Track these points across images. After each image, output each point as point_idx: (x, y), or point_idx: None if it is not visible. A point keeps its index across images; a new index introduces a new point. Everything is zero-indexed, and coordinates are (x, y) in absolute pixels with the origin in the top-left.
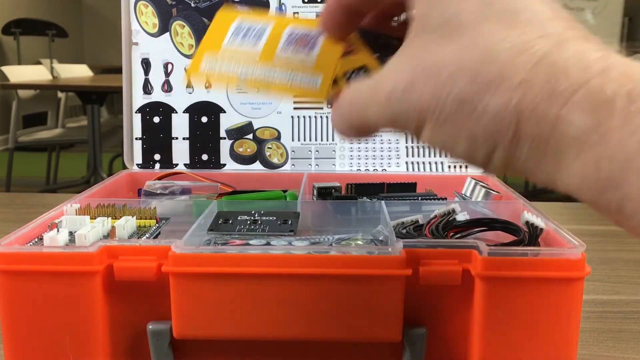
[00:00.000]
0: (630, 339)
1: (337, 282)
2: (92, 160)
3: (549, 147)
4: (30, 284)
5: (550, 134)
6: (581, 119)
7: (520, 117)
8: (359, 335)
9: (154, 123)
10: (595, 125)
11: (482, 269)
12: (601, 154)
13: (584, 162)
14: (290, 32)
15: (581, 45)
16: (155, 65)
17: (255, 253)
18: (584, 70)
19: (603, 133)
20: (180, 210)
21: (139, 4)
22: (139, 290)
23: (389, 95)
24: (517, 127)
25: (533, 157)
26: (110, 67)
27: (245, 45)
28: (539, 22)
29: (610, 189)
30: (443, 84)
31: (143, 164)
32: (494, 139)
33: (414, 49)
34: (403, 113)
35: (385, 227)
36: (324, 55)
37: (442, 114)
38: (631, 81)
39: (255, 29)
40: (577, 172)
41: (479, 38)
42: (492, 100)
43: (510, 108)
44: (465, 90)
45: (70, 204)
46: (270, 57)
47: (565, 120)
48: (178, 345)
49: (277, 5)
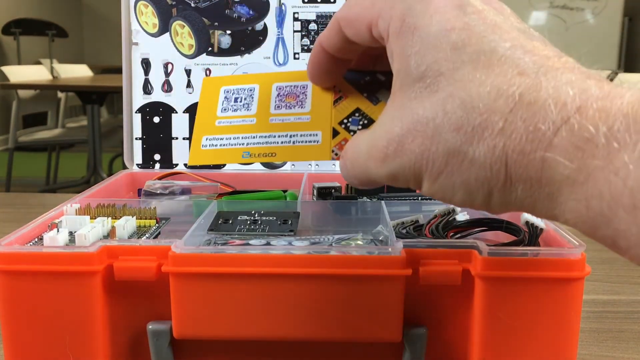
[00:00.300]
0: (630, 339)
1: (337, 282)
2: (92, 160)
3: (541, 188)
4: (30, 284)
5: (540, 175)
6: (565, 161)
7: (507, 162)
8: (359, 335)
9: (154, 123)
10: (580, 166)
11: (482, 269)
12: (590, 193)
13: (576, 200)
14: (278, 89)
15: (558, 78)
16: (155, 65)
17: (255, 253)
18: (562, 108)
19: (588, 173)
20: (180, 210)
21: (139, 4)
22: (139, 290)
23: (383, 155)
24: (506, 172)
25: (529, 198)
26: (110, 67)
27: (239, 110)
28: (514, 58)
29: (603, 226)
30: (431, 138)
31: (143, 164)
32: (487, 185)
33: (399, 104)
34: (400, 170)
35: (385, 227)
36: (317, 108)
37: (435, 168)
38: (609, 117)
39: (245, 92)
40: (572, 209)
41: (457, 86)
42: (479, 148)
43: (497, 154)
44: (452, 141)
45: (70, 204)
46: (266, 119)
47: (551, 162)
48: (178, 345)
49: (277, 5)
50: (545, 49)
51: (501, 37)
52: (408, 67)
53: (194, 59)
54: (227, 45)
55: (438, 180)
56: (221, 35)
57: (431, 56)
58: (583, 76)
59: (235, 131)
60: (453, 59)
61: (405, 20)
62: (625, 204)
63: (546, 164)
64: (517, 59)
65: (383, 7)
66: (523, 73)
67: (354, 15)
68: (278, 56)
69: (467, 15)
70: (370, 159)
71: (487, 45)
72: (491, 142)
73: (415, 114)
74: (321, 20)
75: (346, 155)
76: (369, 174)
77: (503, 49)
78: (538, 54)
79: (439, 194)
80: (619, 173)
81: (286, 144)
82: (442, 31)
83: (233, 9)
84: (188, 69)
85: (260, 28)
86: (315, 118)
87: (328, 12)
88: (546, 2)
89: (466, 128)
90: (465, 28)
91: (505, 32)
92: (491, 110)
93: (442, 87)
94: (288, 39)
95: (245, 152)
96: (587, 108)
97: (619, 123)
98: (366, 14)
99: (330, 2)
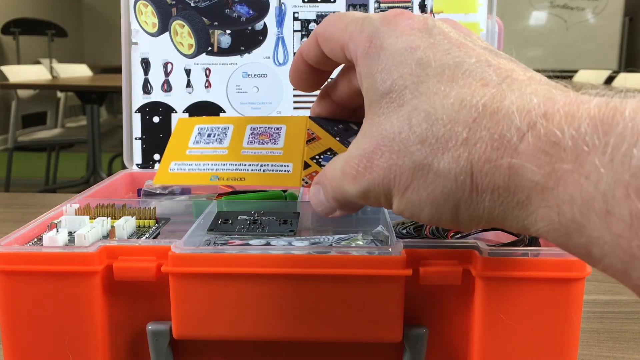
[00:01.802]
0: (630, 340)
1: (337, 283)
2: (91, 160)
3: (510, 196)
4: (30, 284)
5: (507, 183)
6: (533, 166)
7: (473, 172)
8: (359, 335)
9: (154, 123)
10: (549, 171)
11: (482, 269)
12: (561, 198)
13: (547, 206)
14: (251, 129)
15: (523, 88)
16: (155, 65)
17: (255, 253)
18: (527, 115)
19: (558, 178)
20: (180, 210)
21: (138, 4)
22: (139, 290)
23: (355, 172)
24: (472, 182)
25: (497, 208)
26: (109, 67)
27: (211, 143)
28: (478, 72)
29: (576, 233)
30: (397, 153)
31: (143, 163)
32: (453, 197)
33: (369, 122)
34: (371, 187)
35: (386, 227)
36: (289, 145)
37: (402, 183)
38: (575, 120)
39: (219, 129)
40: (544, 217)
41: (422, 99)
42: (443, 159)
43: (462, 164)
44: (417, 154)
45: (69, 204)
46: (238, 151)
47: (518, 168)
48: (178, 345)
49: (277, 5)
50: (511, 64)
51: (466, 53)
52: (375, 84)
53: (194, 58)
54: (227, 45)
55: (405, 196)
56: (221, 34)
57: (396, 72)
58: (549, 86)
59: (205, 159)
60: (417, 73)
61: (372, 41)
62: (597, 209)
63: (513, 171)
64: (482, 72)
65: (353, 31)
66: (487, 84)
67: (329, 34)
68: (278, 56)
69: (432, 37)
70: (344, 178)
71: (451, 60)
72: (455, 152)
73: (383, 129)
74: (321, 20)
75: (325, 177)
76: (345, 193)
77: (468, 63)
78: (503, 67)
79: (408, 210)
80: (589, 177)
81: (256, 172)
82: (408, 49)
83: (233, 8)
84: (188, 68)
85: (260, 28)
86: (288, 152)
87: (328, 11)
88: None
89: (430, 140)
90: (431, 47)
91: (471, 49)
92: (455, 121)
93: (407, 101)
94: (288, 38)
95: (214, 176)
96: (553, 114)
97: (586, 125)
98: (340, 36)
99: (330, 2)
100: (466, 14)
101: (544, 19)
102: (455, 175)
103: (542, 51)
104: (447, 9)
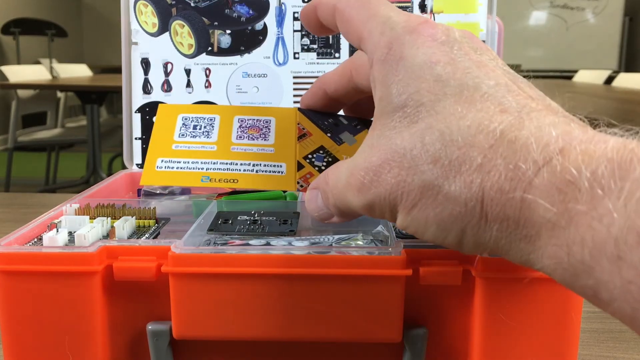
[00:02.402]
0: (630, 340)
1: (337, 283)
2: (91, 160)
3: (518, 229)
4: (30, 284)
5: (518, 216)
6: (547, 203)
7: (484, 199)
8: (359, 336)
9: (154, 123)
10: (562, 210)
11: (482, 269)
12: (572, 238)
13: (557, 245)
14: (240, 121)
15: (541, 119)
16: (155, 65)
17: (255, 253)
18: (544, 148)
19: (570, 218)
20: (180, 210)
21: (138, 4)
22: (139, 290)
23: (360, 184)
24: (482, 210)
25: (504, 239)
26: (109, 67)
27: (198, 137)
28: (497, 96)
29: (584, 274)
30: (407, 169)
31: (143, 163)
32: (461, 222)
33: (379, 133)
34: (376, 201)
35: (386, 227)
36: (280, 141)
37: (409, 201)
38: (593, 161)
39: (204, 120)
40: (551, 255)
41: (438, 117)
42: (455, 183)
43: (474, 190)
44: (428, 174)
45: (69, 204)
46: (227, 147)
47: (530, 203)
48: (178, 345)
49: (277, 5)
50: (530, 91)
51: (486, 74)
52: (389, 95)
53: (194, 58)
54: (227, 45)
55: (411, 213)
56: (221, 34)
57: (414, 86)
58: (567, 119)
59: (193, 156)
60: (435, 91)
61: (392, 48)
62: (609, 253)
63: (525, 205)
64: (501, 97)
65: (373, 30)
66: (505, 111)
67: (347, 16)
68: (278, 56)
69: (453, 52)
70: (348, 188)
71: (471, 80)
72: (468, 177)
73: (393, 144)
74: None
75: (326, 184)
76: (348, 203)
77: (487, 86)
78: (522, 94)
79: (412, 227)
80: (602, 220)
81: (249, 172)
82: (428, 63)
83: (233, 8)
84: (188, 68)
85: (260, 27)
86: (279, 151)
87: None
88: (546, 1)
89: (443, 161)
90: (451, 62)
91: (491, 70)
92: (470, 145)
93: (422, 118)
94: (288, 38)
95: (205, 176)
96: (570, 150)
97: (603, 168)
98: (358, 26)
99: None
100: (466, 13)
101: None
102: (465, 200)
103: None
104: (447, 9)
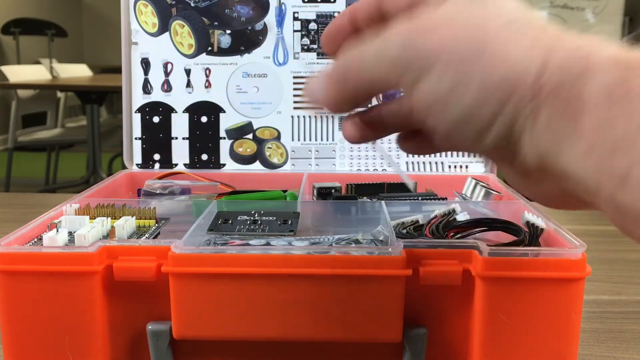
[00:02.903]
0: (630, 339)
1: (337, 282)
2: (91, 160)
3: (569, 103)
4: (30, 284)
5: (572, 85)
6: (609, 72)
7: (547, 59)
8: (359, 335)
9: (154, 123)
10: (622, 78)
11: (482, 269)
12: (622, 110)
13: (601, 118)
14: None
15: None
16: (155, 65)
17: (255, 253)
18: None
19: (629, 89)
20: (180, 210)
21: (138, 4)
22: (139, 290)
23: (404, 38)
24: (541, 71)
25: (546, 116)
26: (109, 67)
27: None
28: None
29: (621, 150)
30: (465, 26)
31: (143, 163)
32: (509, 85)
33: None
34: (411, 56)
35: (386, 227)
36: None
37: (456, 55)
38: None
39: None
40: (590, 130)
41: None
42: (521, 42)
43: (539, 48)
44: (491, 32)
45: (69, 204)
46: None
47: (592, 71)
48: (178, 345)
49: (277, 5)
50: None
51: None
52: None
53: (194, 58)
54: (227, 45)
55: (449, 72)
56: (221, 34)
57: None
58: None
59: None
60: None
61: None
62: None
63: (585, 73)
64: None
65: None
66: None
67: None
68: (278, 56)
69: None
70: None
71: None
72: (536, 35)
73: (457, 10)
74: (321, 20)
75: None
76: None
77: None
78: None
79: (440, 94)
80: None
81: None
82: None
83: (233, 8)
84: (188, 68)
85: (260, 28)
86: None
87: (328, 11)
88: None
89: (513, 25)
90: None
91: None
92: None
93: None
94: (288, 38)
95: None
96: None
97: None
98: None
99: (330, 2)
100: None
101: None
102: (529, 57)
103: None
104: None
